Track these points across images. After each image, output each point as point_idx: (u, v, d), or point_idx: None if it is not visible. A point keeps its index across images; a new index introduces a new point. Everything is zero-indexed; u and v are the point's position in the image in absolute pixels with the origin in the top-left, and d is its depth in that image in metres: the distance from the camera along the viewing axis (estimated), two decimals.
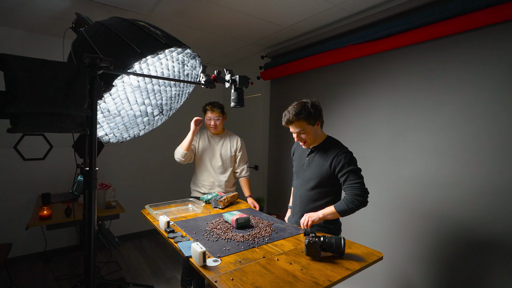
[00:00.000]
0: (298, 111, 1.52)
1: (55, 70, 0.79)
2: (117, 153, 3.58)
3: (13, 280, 2.57)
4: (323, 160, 1.58)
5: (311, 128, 1.56)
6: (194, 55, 1.30)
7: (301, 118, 1.51)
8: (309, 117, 1.52)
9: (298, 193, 1.71)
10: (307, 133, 1.56)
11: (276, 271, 1.11)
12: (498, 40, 1.65)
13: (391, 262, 2.15)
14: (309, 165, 1.65)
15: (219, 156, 2.32)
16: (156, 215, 1.73)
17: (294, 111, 1.52)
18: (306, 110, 1.52)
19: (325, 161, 1.57)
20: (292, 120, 1.52)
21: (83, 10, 2.33)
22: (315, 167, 1.61)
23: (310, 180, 1.63)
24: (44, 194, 2.46)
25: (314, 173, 1.61)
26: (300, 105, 1.54)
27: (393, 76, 2.16)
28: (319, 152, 1.62)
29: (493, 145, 1.66)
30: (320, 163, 1.59)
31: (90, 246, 0.88)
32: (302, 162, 1.71)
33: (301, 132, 1.55)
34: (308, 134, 1.56)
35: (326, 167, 1.56)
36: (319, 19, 2.50)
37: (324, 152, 1.60)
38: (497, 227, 1.64)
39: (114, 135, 1.28)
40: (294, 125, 1.54)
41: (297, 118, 1.51)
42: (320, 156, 1.61)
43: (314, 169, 1.62)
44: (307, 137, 1.57)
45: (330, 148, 1.59)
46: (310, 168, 1.64)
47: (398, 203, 2.13)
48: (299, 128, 1.54)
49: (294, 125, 1.55)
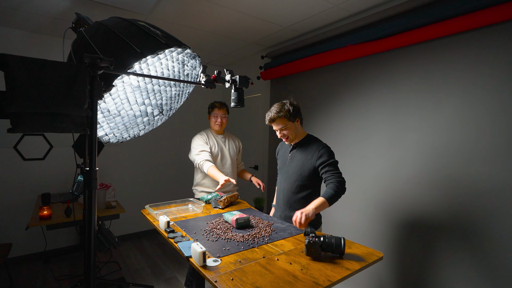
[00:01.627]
0: (278, 110, 1.70)
1: (55, 70, 0.79)
2: (117, 153, 3.58)
3: (13, 280, 2.57)
4: (305, 155, 1.74)
5: (292, 124, 1.74)
6: (194, 55, 1.30)
7: (281, 116, 1.69)
8: (288, 114, 1.70)
9: (281, 188, 1.86)
10: (288, 129, 1.73)
11: (276, 271, 1.11)
12: (498, 40, 1.65)
13: (391, 262, 2.15)
14: (291, 160, 1.81)
15: (228, 156, 2.35)
16: (156, 215, 1.73)
17: (275, 110, 1.71)
18: (286, 108, 1.70)
19: (307, 156, 1.73)
20: (274, 118, 1.70)
21: (83, 10, 2.33)
22: (297, 161, 1.76)
23: (292, 174, 1.78)
24: (44, 194, 2.46)
25: (296, 167, 1.76)
26: (280, 105, 1.73)
27: (393, 76, 2.16)
28: (301, 148, 1.79)
29: (493, 145, 1.66)
30: (302, 158, 1.75)
31: (90, 246, 0.88)
32: (285, 158, 1.87)
33: (283, 128, 1.72)
34: (290, 130, 1.74)
35: (308, 160, 1.71)
36: (319, 19, 2.50)
37: (305, 148, 1.77)
38: (497, 226, 1.64)
39: (114, 135, 1.28)
40: (276, 122, 1.72)
41: (278, 115, 1.69)
42: (302, 152, 1.77)
43: (296, 163, 1.77)
44: (289, 132, 1.74)
45: (311, 144, 1.76)
46: (292, 163, 1.80)
47: (398, 203, 2.13)
48: (281, 125, 1.72)
49: (276, 122, 1.72)
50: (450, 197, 1.84)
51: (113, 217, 2.68)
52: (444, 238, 1.87)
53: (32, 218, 2.34)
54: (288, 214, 1.78)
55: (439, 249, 1.90)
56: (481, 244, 1.71)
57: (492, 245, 1.66)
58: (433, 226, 1.93)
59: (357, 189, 2.39)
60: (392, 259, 2.14)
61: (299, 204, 1.74)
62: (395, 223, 2.15)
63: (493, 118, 1.67)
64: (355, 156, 2.42)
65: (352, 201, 2.42)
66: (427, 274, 1.95)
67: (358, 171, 2.39)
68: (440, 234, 1.89)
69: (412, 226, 2.04)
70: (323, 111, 2.72)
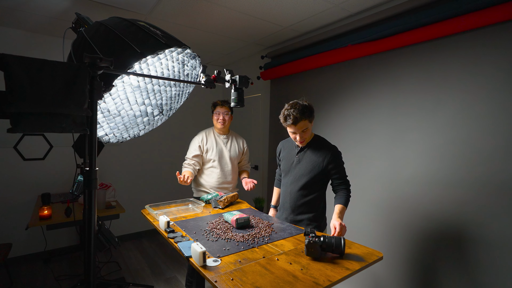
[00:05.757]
0: (302, 111, 1.55)
1: (55, 70, 0.79)
2: (117, 153, 3.58)
3: (13, 280, 2.57)
4: (316, 157, 1.66)
5: (311, 126, 1.65)
6: (194, 55, 1.30)
7: (306, 117, 1.57)
8: (311, 115, 1.61)
9: (288, 190, 1.76)
10: (307, 131, 1.63)
11: (276, 271, 1.11)
12: (498, 40, 1.65)
13: (391, 262, 2.15)
14: (299, 162, 1.72)
15: (228, 158, 2.32)
16: (156, 215, 1.72)
17: (299, 110, 1.55)
18: (309, 109, 1.59)
19: (317, 158, 1.65)
20: (299, 119, 1.55)
21: (83, 10, 2.33)
22: (307, 163, 1.68)
23: (301, 176, 1.69)
24: (44, 194, 2.45)
25: (306, 169, 1.68)
26: (301, 105, 1.58)
27: (393, 76, 2.16)
28: (310, 149, 1.70)
29: (493, 145, 1.66)
30: (312, 160, 1.67)
31: (90, 246, 0.88)
32: (291, 160, 1.77)
33: (304, 130, 1.60)
34: (308, 132, 1.64)
35: (319, 163, 1.64)
36: (319, 19, 2.50)
37: (315, 149, 1.68)
38: (498, 226, 1.64)
39: (114, 135, 1.28)
40: (300, 124, 1.57)
41: (303, 117, 1.56)
42: (312, 153, 1.68)
43: (305, 165, 1.68)
44: (307, 135, 1.64)
45: (321, 146, 1.69)
46: (300, 165, 1.71)
47: (398, 203, 2.13)
48: (303, 127, 1.59)
49: (299, 124, 1.57)
50: (450, 197, 1.84)
51: (113, 217, 2.68)
52: (444, 238, 1.87)
53: (32, 218, 2.34)
54: (293, 218, 1.73)
55: (438, 249, 1.90)
56: (481, 244, 1.71)
57: (492, 245, 1.66)
58: (433, 226, 1.93)
59: (357, 189, 2.39)
60: (392, 259, 2.14)
61: (305, 207, 1.70)
62: (395, 223, 2.15)
63: (493, 118, 1.67)
64: (355, 156, 2.42)
65: (352, 201, 2.40)
66: (427, 274, 1.95)
67: (358, 171, 2.39)
68: (439, 234, 1.89)
69: (412, 226, 2.04)
70: (323, 111, 2.72)
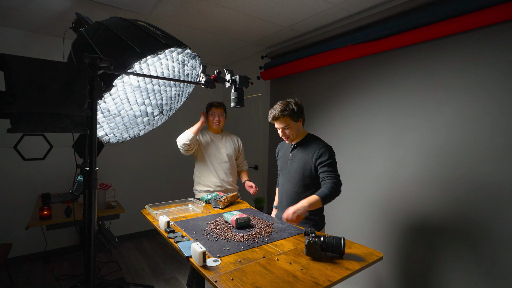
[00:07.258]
0: (283, 108, 1.66)
1: (55, 70, 0.78)
2: (117, 153, 3.58)
3: (13, 280, 2.57)
4: (306, 154, 1.71)
5: (295, 124, 1.71)
6: (194, 55, 1.30)
7: (285, 115, 1.66)
8: (292, 114, 1.67)
9: (283, 189, 1.82)
10: (290, 129, 1.70)
11: (276, 271, 1.11)
12: (498, 40, 1.65)
13: (391, 262, 2.15)
14: (292, 160, 1.78)
15: (224, 154, 2.34)
16: (156, 215, 1.73)
17: (280, 108, 1.67)
18: (290, 108, 1.67)
19: (307, 155, 1.70)
20: (278, 116, 1.67)
21: (83, 10, 2.33)
22: (298, 161, 1.73)
23: (294, 174, 1.74)
24: (44, 194, 2.46)
25: (298, 167, 1.73)
26: (285, 103, 1.69)
27: (393, 76, 2.16)
28: (301, 147, 1.76)
29: (493, 145, 1.66)
30: (303, 157, 1.72)
31: (90, 246, 0.88)
32: (286, 159, 1.84)
33: (285, 127, 1.70)
34: (292, 130, 1.71)
35: (309, 159, 1.69)
36: (319, 19, 2.50)
37: (306, 147, 1.74)
38: (498, 226, 1.64)
39: (114, 135, 1.28)
40: (279, 121, 1.68)
41: (282, 114, 1.66)
42: (303, 151, 1.74)
43: (297, 163, 1.74)
44: (291, 132, 1.72)
45: (312, 143, 1.73)
46: (293, 163, 1.77)
47: (398, 203, 2.13)
48: (283, 124, 1.69)
49: (279, 121, 1.69)
50: (450, 197, 1.84)
51: (113, 217, 2.68)
52: (444, 238, 1.87)
53: (32, 218, 2.34)
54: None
55: (439, 248, 1.90)
56: (481, 243, 1.71)
57: (492, 244, 1.66)
58: (433, 226, 1.93)
59: (357, 189, 2.39)
60: (392, 259, 2.14)
61: None
62: (395, 223, 2.15)
63: (493, 118, 1.67)
64: (355, 156, 2.42)
65: (352, 201, 2.42)
66: (427, 274, 1.95)
67: (358, 171, 2.39)
68: (440, 233, 1.89)
69: (412, 226, 2.04)
70: (323, 111, 2.72)
